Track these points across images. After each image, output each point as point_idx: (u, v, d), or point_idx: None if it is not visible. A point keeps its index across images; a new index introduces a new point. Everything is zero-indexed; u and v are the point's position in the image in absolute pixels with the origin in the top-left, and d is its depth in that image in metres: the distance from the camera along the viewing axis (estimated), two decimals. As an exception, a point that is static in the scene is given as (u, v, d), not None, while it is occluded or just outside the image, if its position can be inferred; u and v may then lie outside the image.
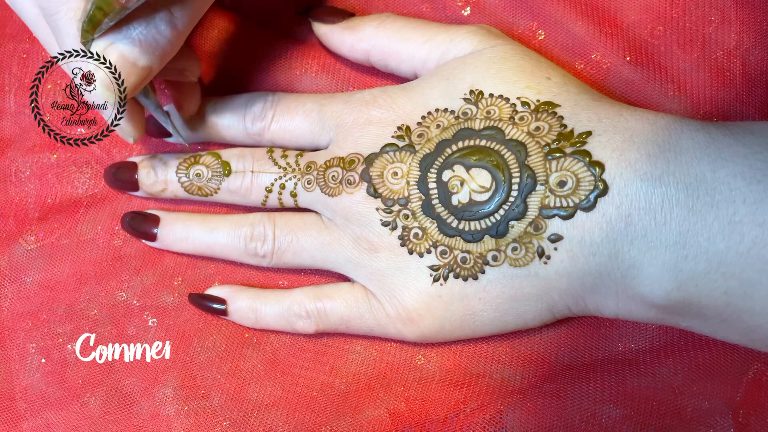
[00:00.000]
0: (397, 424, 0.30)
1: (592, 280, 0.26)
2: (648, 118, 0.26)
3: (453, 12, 0.32)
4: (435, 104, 0.29)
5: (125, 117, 0.27)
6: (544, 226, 0.26)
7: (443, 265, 0.28)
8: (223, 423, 0.31)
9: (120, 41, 0.25)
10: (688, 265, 0.24)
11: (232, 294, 0.32)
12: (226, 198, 0.32)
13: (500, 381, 0.30)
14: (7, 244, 0.34)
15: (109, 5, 0.24)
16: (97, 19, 0.25)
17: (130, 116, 0.27)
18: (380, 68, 0.32)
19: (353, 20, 0.32)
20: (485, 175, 0.27)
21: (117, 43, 0.25)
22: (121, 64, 0.25)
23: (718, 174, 0.23)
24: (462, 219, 0.27)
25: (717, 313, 0.24)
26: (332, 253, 0.30)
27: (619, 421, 0.28)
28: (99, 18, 0.25)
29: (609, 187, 0.25)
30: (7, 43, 0.35)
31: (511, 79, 0.28)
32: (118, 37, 0.25)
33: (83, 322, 0.33)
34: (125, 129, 0.28)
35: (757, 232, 0.23)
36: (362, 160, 0.29)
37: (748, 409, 0.28)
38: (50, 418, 0.32)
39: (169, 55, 0.27)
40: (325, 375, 0.31)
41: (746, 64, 0.29)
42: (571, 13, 0.31)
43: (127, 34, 0.25)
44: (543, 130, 0.27)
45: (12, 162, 0.35)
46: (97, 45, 0.25)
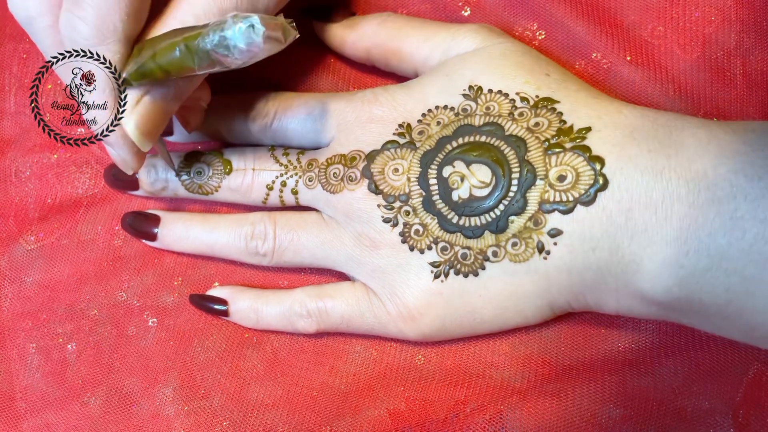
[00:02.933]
0: (397, 424, 0.30)
1: (592, 276, 0.26)
2: (648, 115, 0.26)
3: (453, 12, 0.32)
4: (435, 101, 0.29)
5: (131, 151, 0.27)
6: (543, 221, 0.26)
7: (444, 261, 0.28)
8: (223, 423, 0.31)
9: (157, 91, 0.26)
10: (689, 261, 0.24)
11: (233, 295, 0.32)
12: (227, 196, 0.32)
13: (500, 381, 0.30)
14: (7, 244, 0.34)
15: (179, 70, 0.24)
16: (153, 75, 0.25)
17: (133, 149, 0.27)
18: (381, 67, 0.32)
19: (354, 19, 0.32)
20: (485, 170, 0.27)
21: (153, 92, 0.26)
22: (153, 113, 0.26)
23: (719, 170, 0.23)
24: (462, 215, 0.27)
25: (718, 311, 0.24)
26: (333, 250, 0.30)
27: (619, 421, 0.28)
28: (157, 76, 0.24)
29: (609, 182, 0.25)
30: (7, 43, 0.35)
31: (510, 75, 0.28)
32: (155, 87, 0.26)
33: (83, 322, 0.33)
34: (128, 162, 0.28)
35: (759, 228, 0.23)
36: (363, 157, 0.29)
37: (748, 409, 0.28)
38: (50, 418, 0.32)
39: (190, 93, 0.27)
40: (325, 375, 0.31)
41: (746, 64, 0.29)
42: (572, 13, 0.31)
43: (165, 85, 0.26)
44: (542, 126, 0.27)
45: (12, 162, 0.35)
46: (131, 93, 0.25)
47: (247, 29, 0.22)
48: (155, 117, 0.26)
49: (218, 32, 0.22)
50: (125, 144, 0.27)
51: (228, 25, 0.22)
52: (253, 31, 0.22)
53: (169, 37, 0.24)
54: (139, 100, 0.26)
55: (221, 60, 0.23)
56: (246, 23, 0.22)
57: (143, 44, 0.25)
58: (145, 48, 0.25)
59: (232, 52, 0.22)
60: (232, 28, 0.22)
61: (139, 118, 0.26)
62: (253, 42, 0.22)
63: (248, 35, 0.22)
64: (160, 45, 0.24)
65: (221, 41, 0.22)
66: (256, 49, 0.22)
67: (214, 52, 0.23)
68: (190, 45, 0.23)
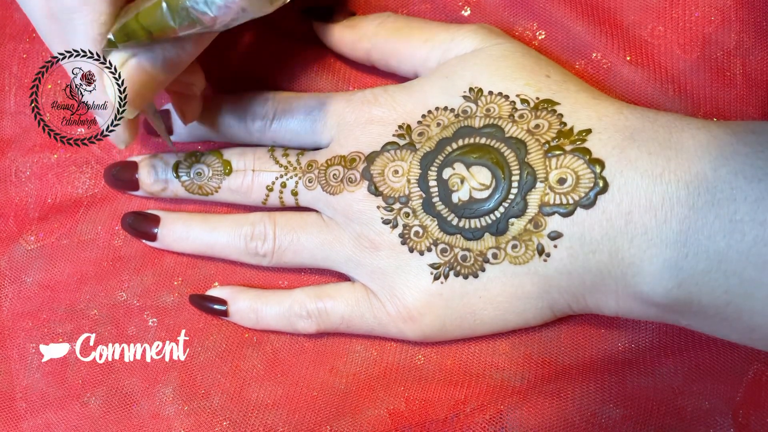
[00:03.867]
0: (397, 424, 0.30)
1: (592, 278, 0.26)
2: (648, 117, 0.26)
3: (453, 12, 0.32)
4: (435, 102, 0.29)
5: (122, 123, 0.27)
6: (543, 223, 0.26)
7: (444, 263, 0.28)
8: (223, 423, 0.31)
9: (143, 55, 0.25)
10: (688, 264, 0.24)
11: (233, 295, 0.32)
12: (226, 197, 0.32)
13: (500, 381, 0.30)
14: (7, 244, 0.34)
15: (161, 30, 0.23)
16: (137, 36, 0.24)
17: (126, 122, 0.27)
18: (381, 67, 0.32)
19: (354, 19, 0.32)
20: (485, 172, 0.27)
21: (140, 56, 0.25)
22: (138, 77, 0.25)
23: (719, 172, 0.23)
24: (462, 217, 0.27)
25: (717, 312, 0.24)
26: (333, 251, 0.30)
27: (619, 421, 0.28)
28: (140, 36, 0.24)
29: (609, 185, 0.25)
30: (7, 43, 0.35)
31: (510, 77, 0.28)
32: (141, 50, 0.25)
33: (83, 322, 0.33)
34: (119, 135, 0.27)
35: (758, 230, 0.23)
36: (363, 159, 0.29)
37: (748, 409, 0.28)
38: (50, 418, 0.32)
39: (182, 70, 0.26)
40: (325, 375, 0.31)
41: (746, 64, 0.29)
42: (572, 13, 0.31)
43: (152, 49, 0.25)
44: (543, 128, 0.27)
45: (12, 162, 0.35)
46: (117, 55, 0.25)
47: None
48: (140, 82, 0.25)
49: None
50: (112, 112, 0.26)
51: None
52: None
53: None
54: (123, 63, 0.25)
55: (201, 18, 0.22)
56: None
57: (128, 6, 0.25)
58: (131, 8, 0.24)
59: (210, 7, 0.22)
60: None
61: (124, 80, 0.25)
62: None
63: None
64: (145, 5, 0.24)
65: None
66: (234, 6, 0.21)
67: (192, 8, 0.22)
68: (171, 3, 0.23)
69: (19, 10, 0.35)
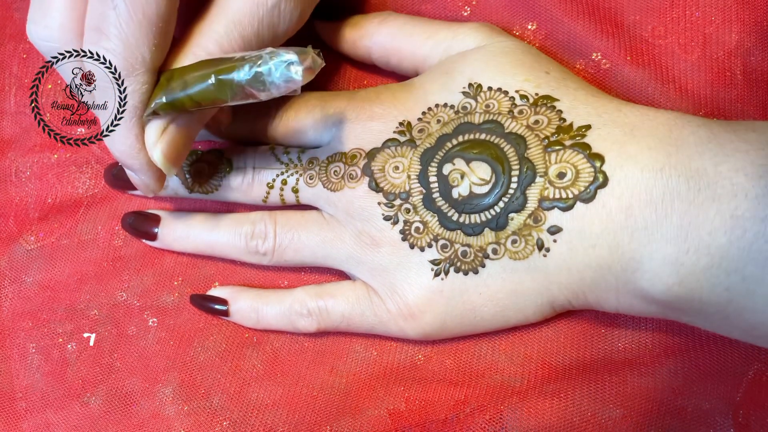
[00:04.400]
0: (397, 424, 0.30)
1: (592, 274, 0.26)
2: (648, 114, 0.26)
3: (453, 11, 0.32)
4: (435, 99, 0.29)
5: (154, 176, 0.27)
6: (543, 218, 0.26)
7: (444, 259, 0.28)
8: (223, 423, 0.31)
9: (181, 119, 0.26)
10: (689, 260, 0.24)
11: (234, 294, 0.32)
12: (227, 195, 0.32)
13: (500, 381, 0.30)
14: (7, 244, 0.34)
15: (212, 103, 0.24)
16: (184, 107, 0.24)
17: (159, 176, 0.28)
18: (382, 66, 0.32)
19: (355, 18, 0.32)
20: (485, 167, 0.27)
21: (178, 120, 0.26)
22: (179, 140, 0.26)
23: (719, 168, 0.23)
24: (462, 212, 0.27)
25: (718, 309, 0.24)
26: (334, 249, 0.30)
27: (619, 421, 0.28)
28: (188, 107, 0.24)
29: (609, 179, 0.25)
30: (7, 43, 0.35)
31: (509, 72, 0.28)
32: (181, 114, 0.26)
33: (83, 322, 0.33)
34: (150, 186, 0.28)
35: (759, 227, 0.22)
36: (364, 155, 0.29)
37: (748, 409, 0.28)
38: (50, 418, 0.32)
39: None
40: (326, 375, 0.31)
41: (747, 64, 0.29)
42: (572, 12, 0.31)
43: (190, 111, 0.26)
44: (542, 124, 0.27)
45: (12, 162, 0.35)
46: (158, 122, 0.26)
47: (286, 67, 0.22)
48: (181, 144, 0.26)
49: (254, 68, 0.22)
50: (150, 170, 0.27)
51: (264, 61, 0.22)
52: (291, 68, 0.22)
53: (200, 69, 0.24)
54: (165, 128, 0.26)
55: (255, 94, 0.23)
56: (284, 61, 0.22)
57: (170, 74, 0.25)
58: (174, 78, 0.25)
59: (269, 87, 0.22)
60: (268, 64, 0.22)
61: (166, 147, 0.26)
62: (292, 80, 0.22)
63: (287, 73, 0.22)
64: (190, 76, 0.24)
65: (257, 77, 0.22)
66: (294, 86, 0.22)
67: (248, 86, 0.22)
68: (223, 78, 0.23)
69: (20, 10, 0.35)
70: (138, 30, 0.24)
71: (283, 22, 0.27)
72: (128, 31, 0.24)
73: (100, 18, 0.24)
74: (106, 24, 0.24)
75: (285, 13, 0.26)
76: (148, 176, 0.27)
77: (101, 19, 0.24)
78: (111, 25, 0.24)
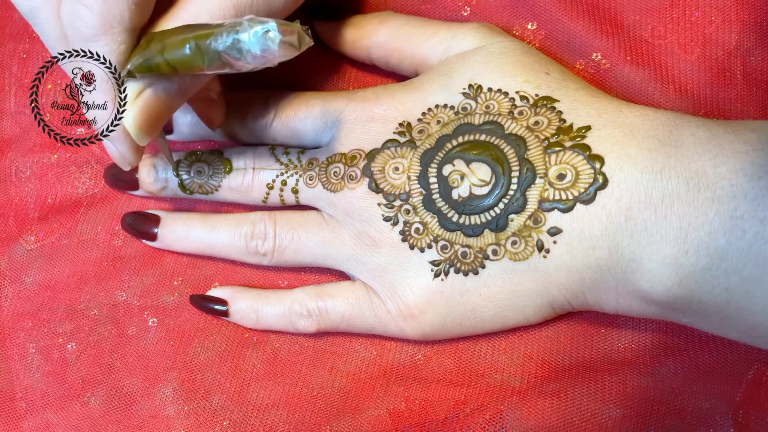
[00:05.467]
0: (397, 424, 0.30)
1: (592, 275, 0.26)
2: (648, 115, 0.26)
3: (453, 11, 0.32)
4: (435, 100, 0.29)
5: (130, 146, 0.26)
6: (543, 219, 0.26)
7: (444, 260, 0.28)
8: (223, 423, 0.31)
9: (159, 84, 0.25)
10: (689, 261, 0.24)
11: (233, 295, 0.32)
12: (227, 196, 0.32)
13: (500, 381, 0.30)
14: (7, 244, 0.34)
15: (187, 68, 0.23)
16: (160, 70, 0.24)
17: (135, 147, 0.27)
18: (381, 66, 0.32)
19: (355, 18, 0.32)
20: (485, 168, 0.27)
21: (156, 86, 0.25)
22: (154, 106, 0.25)
23: (719, 170, 0.23)
24: (462, 213, 0.27)
25: (718, 310, 0.24)
26: (333, 250, 0.30)
27: (619, 421, 0.28)
28: (164, 71, 0.24)
29: (609, 180, 0.25)
30: (7, 43, 0.35)
31: (509, 73, 0.28)
32: (157, 80, 0.25)
33: (83, 322, 0.33)
34: (126, 157, 0.27)
35: (759, 228, 0.23)
36: (364, 156, 0.29)
37: (748, 409, 0.28)
38: (50, 418, 0.32)
39: (194, 93, 0.26)
40: (326, 374, 0.31)
41: (747, 64, 0.29)
42: (572, 12, 0.31)
43: (168, 79, 0.25)
44: (542, 125, 0.27)
45: (12, 162, 0.35)
46: (134, 85, 0.25)
47: (263, 35, 0.21)
48: (155, 112, 0.25)
49: (232, 34, 0.22)
50: (123, 138, 0.26)
51: (243, 28, 0.21)
52: (268, 37, 0.21)
53: (180, 33, 0.23)
54: (139, 93, 0.25)
55: (232, 62, 0.22)
56: (262, 29, 0.21)
57: (151, 36, 0.24)
58: (153, 41, 0.24)
59: (245, 56, 0.22)
60: (247, 31, 0.21)
61: (138, 112, 0.25)
62: (268, 48, 0.21)
63: (263, 41, 0.21)
64: (169, 39, 0.23)
65: (234, 44, 0.22)
66: (271, 56, 0.22)
67: (225, 53, 0.22)
68: (200, 44, 0.22)
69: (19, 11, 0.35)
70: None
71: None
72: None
73: None
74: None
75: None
76: (123, 145, 0.26)
77: None
78: None
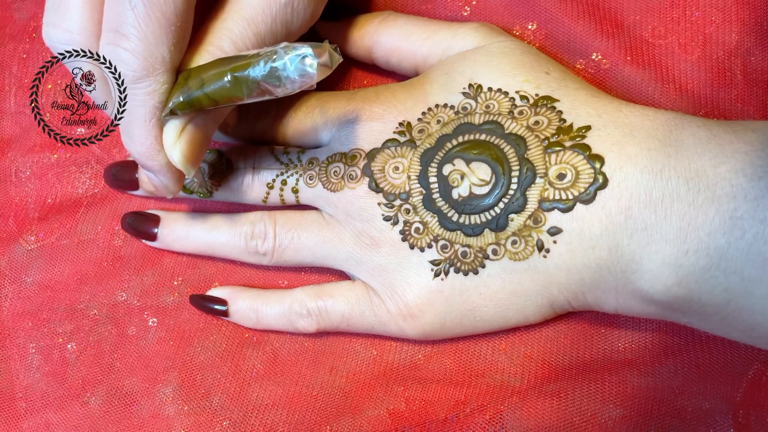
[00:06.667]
0: (397, 424, 0.30)
1: (592, 274, 0.26)
2: (648, 114, 0.26)
3: (454, 11, 0.32)
4: (435, 100, 0.29)
5: (172, 177, 0.27)
6: (543, 219, 0.26)
7: (444, 259, 0.28)
8: (223, 423, 0.31)
9: (199, 118, 0.26)
10: (688, 261, 0.24)
11: (233, 295, 0.32)
12: (226, 195, 0.32)
13: (500, 381, 0.30)
14: (7, 244, 0.34)
15: (228, 101, 0.24)
16: (201, 105, 0.24)
17: (177, 176, 0.27)
18: (382, 65, 0.32)
19: (355, 18, 0.32)
20: (485, 168, 0.27)
21: (196, 119, 0.26)
22: (198, 140, 0.26)
23: (719, 170, 0.23)
24: (462, 213, 0.27)
25: (717, 310, 0.24)
26: (333, 249, 0.30)
27: (619, 421, 0.28)
28: (205, 105, 0.24)
29: (609, 180, 0.25)
30: (7, 43, 0.35)
31: (509, 73, 0.28)
32: (198, 113, 0.25)
33: (83, 322, 0.33)
34: (169, 187, 0.27)
35: (759, 228, 0.23)
36: (364, 156, 0.29)
37: (748, 409, 0.28)
38: (50, 418, 0.32)
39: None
40: (326, 374, 0.31)
41: (747, 64, 0.29)
42: (572, 12, 0.31)
43: (206, 111, 0.25)
44: (542, 124, 0.27)
45: (12, 162, 0.35)
46: (176, 122, 0.25)
47: (300, 61, 0.22)
48: (199, 143, 0.26)
49: (269, 63, 0.22)
50: (169, 171, 0.27)
51: (279, 56, 0.22)
52: (306, 62, 0.22)
53: (216, 67, 0.24)
54: (183, 128, 0.25)
55: (271, 90, 0.23)
56: (300, 55, 0.22)
57: (188, 73, 0.25)
58: (191, 77, 0.25)
59: (284, 82, 0.22)
60: (283, 59, 0.22)
61: (185, 147, 0.25)
62: (307, 73, 0.22)
63: (302, 67, 0.22)
64: (207, 74, 0.24)
65: (272, 72, 0.22)
66: (309, 80, 0.22)
67: (264, 82, 0.22)
68: (239, 75, 0.23)
69: (19, 10, 0.35)
70: (157, 29, 0.23)
71: (297, 19, 0.27)
72: (147, 31, 0.23)
73: (118, 18, 0.24)
74: (124, 24, 0.23)
75: (298, 9, 0.26)
76: (167, 177, 0.27)
77: (120, 20, 0.23)
78: (130, 26, 0.23)
